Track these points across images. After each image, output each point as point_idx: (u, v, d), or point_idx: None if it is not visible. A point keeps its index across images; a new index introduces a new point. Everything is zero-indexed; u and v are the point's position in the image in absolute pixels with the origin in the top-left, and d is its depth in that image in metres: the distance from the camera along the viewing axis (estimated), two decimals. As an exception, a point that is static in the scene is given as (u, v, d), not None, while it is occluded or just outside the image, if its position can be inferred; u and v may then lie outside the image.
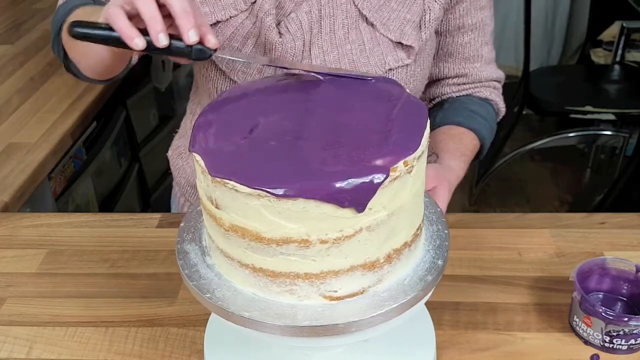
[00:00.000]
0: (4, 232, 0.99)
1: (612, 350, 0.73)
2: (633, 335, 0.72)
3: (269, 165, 0.52)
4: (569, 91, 2.43)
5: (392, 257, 0.56)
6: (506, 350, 0.75)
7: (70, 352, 0.77)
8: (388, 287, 0.57)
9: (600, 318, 0.72)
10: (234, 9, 0.85)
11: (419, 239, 0.61)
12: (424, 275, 0.59)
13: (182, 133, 1.10)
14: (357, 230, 0.52)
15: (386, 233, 0.54)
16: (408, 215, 0.56)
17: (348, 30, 0.86)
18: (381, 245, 0.55)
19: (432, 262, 0.60)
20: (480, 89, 1.00)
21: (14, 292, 0.86)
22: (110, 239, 0.96)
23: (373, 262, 0.55)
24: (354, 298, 0.56)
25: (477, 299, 0.83)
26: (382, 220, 0.53)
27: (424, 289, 0.58)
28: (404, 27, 0.86)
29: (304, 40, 0.84)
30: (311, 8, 0.84)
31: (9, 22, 1.89)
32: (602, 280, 0.79)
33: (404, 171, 0.52)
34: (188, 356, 0.76)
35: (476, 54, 0.97)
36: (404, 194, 0.54)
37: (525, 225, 0.96)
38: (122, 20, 0.62)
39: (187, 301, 0.83)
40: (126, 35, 0.61)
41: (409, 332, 0.73)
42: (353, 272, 0.55)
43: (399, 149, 0.53)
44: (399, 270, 0.58)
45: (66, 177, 1.45)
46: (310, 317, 0.55)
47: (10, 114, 1.39)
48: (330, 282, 0.55)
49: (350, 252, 0.54)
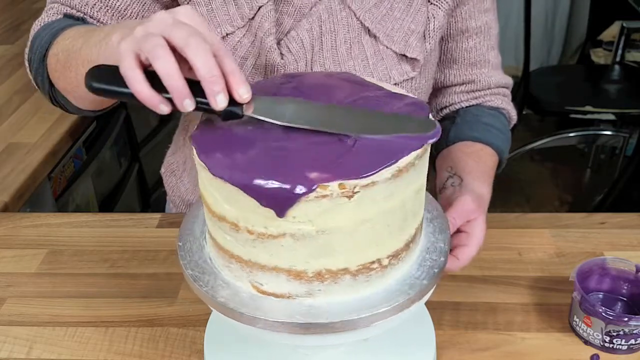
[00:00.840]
0: (4, 232, 0.99)
1: (612, 350, 0.73)
2: (633, 335, 0.72)
3: (237, 149, 0.55)
4: (569, 91, 2.43)
5: (324, 277, 0.55)
6: (506, 350, 0.75)
7: (70, 352, 0.77)
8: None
9: (600, 318, 0.72)
10: (230, 26, 0.80)
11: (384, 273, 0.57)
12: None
13: (175, 149, 1.06)
14: (280, 233, 0.52)
15: (315, 249, 0.53)
16: (350, 240, 0.53)
17: (350, 45, 0.82)
18: (309, 259, 0.54)
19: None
20: (490, 97, 0.96)
21: (14, 292, 0.86)
22: (110, 239, 0.96)
23: (299, 273, 0.55)
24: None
25: (477, 299, 0.83)
26: (309, 234, 0.52)
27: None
28: (408, 38, 0.84)
29: (306, 60, 0.81)
30: (312, 25, 0.80)
31: (9, 22, 1.89)
32: (602, 280, 0.79)
33: (337, 193, 0.50)
34: (188, 356, 0.76)
35: (483, 59, 0.94)
36: (341, 217, 0.51)
37: (525, 225, 0.96)
38: (140, 84, 0.53)
39: (187, 301, 0.83)
40: (149, 102, 0.53)
41: (409, 332, 0.73)
42: (278, 274, 0.55)
43: (342, 170, 0.51)
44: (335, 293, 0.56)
45: (66, 177, 1.45)
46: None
47: (10, 114, 1.39)
48: (256, 274, 0.56)
49: (274, 252, 0.54)
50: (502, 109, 0.97)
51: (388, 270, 0.57)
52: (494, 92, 0.96)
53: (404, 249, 0.57)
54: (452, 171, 0.84)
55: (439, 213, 0.66)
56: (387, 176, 0.51)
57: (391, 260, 0.57)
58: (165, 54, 0.52)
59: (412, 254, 0.59)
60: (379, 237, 0.55)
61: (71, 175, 1.47)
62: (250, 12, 0.79)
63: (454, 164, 0.86)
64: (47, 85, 0.79)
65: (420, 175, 0.57)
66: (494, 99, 0.96)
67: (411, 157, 0.53)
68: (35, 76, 0.80)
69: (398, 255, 0.57)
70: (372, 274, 0.56)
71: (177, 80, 0.52)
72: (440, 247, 0.62)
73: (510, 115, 0.99)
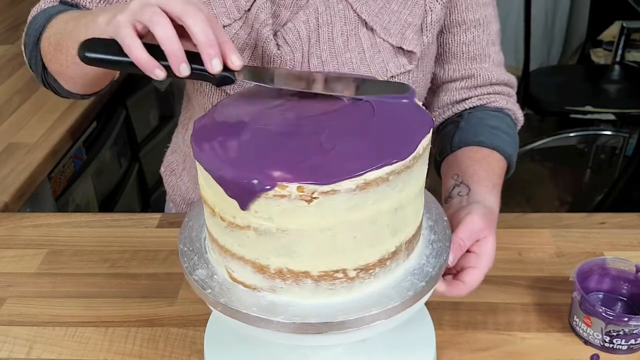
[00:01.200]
0: (4, 232, 0.99)
1: (612, 350, 0.73)
2: (633, 335, 0.72)
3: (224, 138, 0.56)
4: (569, 91, 2.43)
5: (286, 275, 0.55)
6: (506, 350, 0.75)
7: (70, 352, 0.77)
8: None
9: (600, 318, 0.72)
10: (227, 18, 0.81)
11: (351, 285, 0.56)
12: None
13: (174, 148, 1.06)
14: (245, 225, 0.53)
15: (277, 247, 0.53)
16: (311, 244, 0.53)
17: (347, 37, 0.82)
18: (271, 255, 0.54)
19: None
20: (494, 96, 0.93)
21: (14, 292, 0.86)
22: (110, 239, 0.96)
23: (262, 267, 0.55)
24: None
25: (477, 299, 0.82)
26: (270, 231, 0.52)
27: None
28: (405, 30, 0.83)
29: (302, 51, 0.81)
30: (309, 17, 0.80)
31: (8, 22, 1.89)
32: (602, 280, 0.79)
33: (296, 195, 0.50)
34: (188, 356, 0.76)
35: (482, 53, 0.92)
36: (301, 220, 0.51)
37: (525, 225, 0.96)
38: (139, 50, 0.56)
39: (187, 301, 0.83)
40: (146, 66, 0.57)
41: (409, 332, 0.73)
42: (245, 265, 0.56)
43: (304, 174, 0.50)
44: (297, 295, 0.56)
45: (66, 177, 1.45)
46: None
47: (10, 114, 1.39)
48: (228, 260, 0.58)
49: (241, 243, 0.55)
50: (508, 110, 0.93)
51: (356, 283, 0.56)
52: (496, 90, 0.93)
53: (378, 265, 0.56)
54: (458, 179, 0.81)
55: (445, 236, 0.63)
56: (351, 187, 0.50)
57: (360, 273, 0.55)
58: (164, 20, 0.56)
59: (390, 272, 0.58)
60: (343, 247, 0.54)
61: (71, 175, 1.47)
62: (246, 3, 0.80)
63: (460, 171, 0.82)
64: (40, 68, 0.81)
65: (400, 193, 0.54)
66: (498, 99, 0.93)
67: (381, 172, 0.51)
68: (30, 59, 0.82)
69: (369, 270, 0.56)
70: (336, 283, 0.55)
71: (175, 44, 0.56)
72: (428, 271, 0.59)
73: (517, 116, 0.95)
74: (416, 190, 0.56)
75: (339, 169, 0.51)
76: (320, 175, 0.50)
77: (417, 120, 0.58)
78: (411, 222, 0.58)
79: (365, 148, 0.53)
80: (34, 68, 0.83)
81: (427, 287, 0.58)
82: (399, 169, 0.52)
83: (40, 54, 0.80)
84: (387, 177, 0.51)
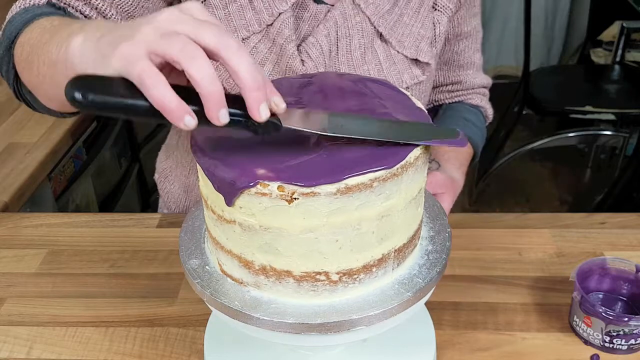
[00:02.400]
0: (4, 232, 0.99)
1: (612, 350, 0.73)
2: (633, 335, 0.72)
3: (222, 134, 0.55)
4: (569, 91, 2.43)
5: (269, 273, 0.55)
6: (506, 350, 0.75)
7: (70, 352, 0.77)
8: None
9: (600, 318, 0.72)
10: (245, 30, 0.79)
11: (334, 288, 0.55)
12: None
13: (168, 154, 1.05)
14: (232, 219, 0.54)
15: (260, 244, 0.53)
16: (292, 244, 0.53)
17: (364, 50, 0.83)
18: (255, 251, 0.54)
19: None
20: (472, 95, 1.03)
21: (14, 292, 0.86)
22: (110, 239, 0.96)
23: (247, 262, 0.55)
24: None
25: (477, 299, 0.83)
26: (253, 227, 0.53)
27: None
28: (419, 43, 0.86)
29: (325, 65, 0.81)
30: (329, 30, 0.80)
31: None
32: (602, 280, 0.79)
33: (277, 194, 0.50)
34: (188, 356, 0.76)
35: (469, 61, 0.99)
36: (282, 220, 0.51)
37: (525, 225, 0.96)
38: (166, 92, 0.44)
39: (187, 301, 0.83)
40: (174, 113, 0.44)
41: (409, 332, 0.72)
42: (232, 258, 0.57)
43: (287, 174, 0.50)
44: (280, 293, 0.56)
45: (66, 177, 1.45)
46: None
47: (10, 114, 1.39)
48: (218, 252, 0.58)
49: (229, 236, 0.55)
50: (481, 107, 1.04)
51: (340, 287, 0.55)
52: (476, 91, 1.03)
53: (362, 271, 0.55)
54: (430, 157, 0.89)
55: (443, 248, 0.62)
56: (332, 191, 0.50)
57: (343, 277, 0.55)
58: (200, 54, 0.45)
59: (376, 279, 0.57)
60: (325, 250, 0.53)
61: (71, 175, 1.47)
62: (269, 18, 0.79)
63: (434, 150, 0.93)
64: (12, 76, 0.71)
65: (386, 201, 0.53)
66: (474, 97, 1.03)
67: (363, 178, 0.50)
68: (0, 64, 0.71)
69: (353, 275, 0.55)
70: (318, 285, 0.55)
71: (216, 85, 0.45)
72: (417, 282, 0.58)
73: (487, 113, 1.06)
74: (407, 199, 0.55)
75: (321, 171, 0.50)
76: (302, 177, 0.50)
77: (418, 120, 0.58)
78: (401, 230, 0.56)
79: (353, 152, 0.53)
80: (4, 75, 0.72)
81: (414, 298, 0.57)
82: (385, 176, 0.51)
83: (13, 61, 0.69)
84: (371, 183, 0.50)
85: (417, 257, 0.61)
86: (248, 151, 0.54)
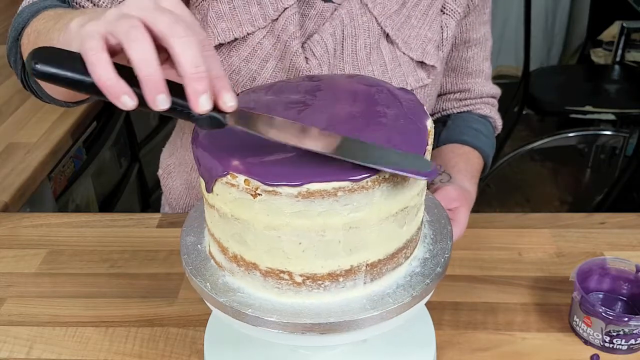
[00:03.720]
0: (4, 232, 0.99)
1: (612, 350, 0.73)
2: (633, 335, 0.72)
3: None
4: (569, 91, 2.43)
5: (240, 262, 0.56)
6: (506, 350, 0.75)
7: (70, 352, 0.77)
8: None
9: (600, 318, 0.72)
10: (251, 25, 0.78)
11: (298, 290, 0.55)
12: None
13: (172, 151, 1.05)
14: (212, 205, 0.55)
15: (232, 233, 0.55)
16: (257, 238, 0.53)
17: (370, 50, 0.82)
18: (229, 239, 0.56)
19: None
20: (480, 105, 1.01)
21: (14, 292, 0.86)
22: (110, 239, 0.96)
23: (224, 249, 0.57)
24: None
25: (477, 299, 0.83)
26: (226, 216, 0.54)
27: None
28: (425, 46, 0.85)
29: (329, 64, 0.81)
30: (335, 29, 0.80)
31: (8, 22, 1.88)
32: (602, 280, 0.79)
33: (243, 187, 0.51)
34: (188, 356, 0.76)
35: (478, 69, 0.97)
36: (248, 213, 0.52)
37: (525, 225, 0.96)
38: (105, 69, 0.44)
39: (187, 301, 0.83)
40: (110, 90, 0.45)
41: (409, 332, 0.73)
42: (214, 242, 0.58)
43: (256, 169, 0.50)
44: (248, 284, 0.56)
45: (66, 177, 1.45)
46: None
47: (10, 114, 1.39)
48: (206, 233, 0.61)
49: (212, 221, 0.57)
50: (490, 118, 1.02)
51: (304, 290, 0.55)
52: (484, 101, 1.01)
53: (328, 278, 0.54)
54: (441, 169, 0.88)
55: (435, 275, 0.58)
56: (292, 193, 0.49)
57: (307, 281, 0.54)
58: (143, 37, 0.45)
59: (344, 290, 0.55)
60: (288, 251, 0.53)
61: (71, 175, 1.47)
62: (274, 13, 0.79)
63: (444, 162, 0.91)
64: (20, 66, 0.74)
65: (353, 212, 0.51)
66: (483, 107, 1.01)
67: (325, 186, 0.49)
68: (8, 55, 0.75)
69: (317, 280, 0.54)
70: (282, 284, 0.55)
71: (154, 68, 0.44)
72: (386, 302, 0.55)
73: (496, 124, 1.04)
74: (382, 215, 0.53)
75: (287, 172, 0.50)
76: (268, 174, 0.50)
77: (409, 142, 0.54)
78: (374, 246, 0.54)
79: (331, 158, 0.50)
80: (12, 66, 0.75)
81: (378, 317, 0.54)
82: (350, 187, 0.50)
83: (20, 51, 0.72)
84: (335, 192, 0.50)
85: (398, 276, 0.58)
86: (239, 147, 0.54)
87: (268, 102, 0.61)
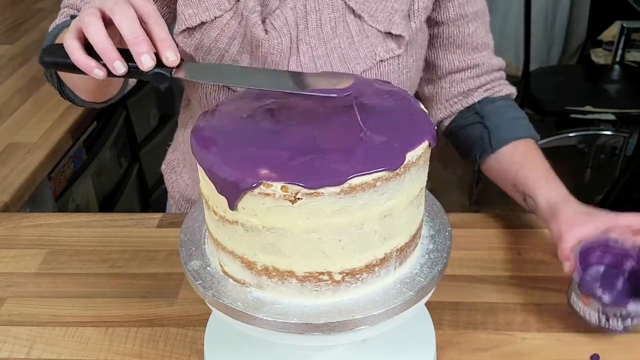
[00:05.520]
0: (4, 232, 0.99)
1: (607, 329, 0.73)
2: (629, 317, 0.72)
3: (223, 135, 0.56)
4: (569, 91, 2.43)
5: (272, 273, 0.55)
6: (506, 350, 0.75)
7: (70, 352, 0.77)
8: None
9: (598, 300, 0.72)
10: (218, 10, 0.83)
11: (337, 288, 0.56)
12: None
13: (175, 146, 1.09)
14: (234, 220, 0.54)
15: (263, 244, 0.54)
16: (295, 244, 0.53)
17: (335, 24, 0.84)
18: (258, 252, 0.54)
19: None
20: (495, 84, 0.99)
21: (14, 292, 0.86)
22: (110, 239, 0.96)
23: (250, 263, 0.56)
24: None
25: (477, 299, 0.83)
26: (256, 228, 0.53)
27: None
28: (392, 16, 0.85)
29: (290, 36, 0.83)
30: (296, 4, 0.83)
31: (9, 22, 1.89)
32: (604, 256, 0.78)
33: (280, 195, 0.50)
34: (188, 356, 0.76)
35: (483, 42, 0.97)
36: (285, 220, 0.52)
37: (525, 225, 0.96)
38: (77, 52, 0.59)
39: (187, 301, 0.83)
40: (84, 67, 0.59)
41: (409, 332, 0.73)
42: (234, 259, 0.57)
43: (290, 174, 0.50)
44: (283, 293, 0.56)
45: (66, 177, 1.45)
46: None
47: (10, 114, 1.39)
48: (220, 252, 0.59)
49: (231, 237, 0.56)
50: (509, 95, 1.01)
51: (342, 287, 0.55)
52: (496, 76, 0.99)
53: (365, 270, 0.56)
54: (519, 190, 0.88)
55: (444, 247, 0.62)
56: (335, 191, 0.50)
57: (346, 277, 0.55)
58: (94, 22, 0.58)
59: (379, 278, 0.57)
60: (329, 250, 0.53)
61: (71, 175, 1.47)
62: None
63: (516, 181, 0.89)
64: (56, 81, 0.84)
65: (389, 200, 0.53)
66: (498, 87, 0.99)
67: (367, 178, 0.50)
68: (46, 74, 0.86)
69: (356, 274, 0.55)
70: (321, 285, 0.55)
71: (105, 44, 0.58)
72: (419, 281, 0.58)
73: (514, 96, 1.03)
74: (409, 198, 0.55)
75: (325, 171, 0.50)
76: (305, 177, 0.50)
77: (416, 127, 0.56)
78: (403, 230, 0.57)
79: (356, 152, 0.52)
80: (49, 81, 0.86)
81: (416, 297, 0.57)
82: (387, 176, 0.51)
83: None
84: (374, 183, 0.51)
85: (418, 256, 0.61)
86: (248, 148, 0.54)
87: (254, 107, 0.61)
